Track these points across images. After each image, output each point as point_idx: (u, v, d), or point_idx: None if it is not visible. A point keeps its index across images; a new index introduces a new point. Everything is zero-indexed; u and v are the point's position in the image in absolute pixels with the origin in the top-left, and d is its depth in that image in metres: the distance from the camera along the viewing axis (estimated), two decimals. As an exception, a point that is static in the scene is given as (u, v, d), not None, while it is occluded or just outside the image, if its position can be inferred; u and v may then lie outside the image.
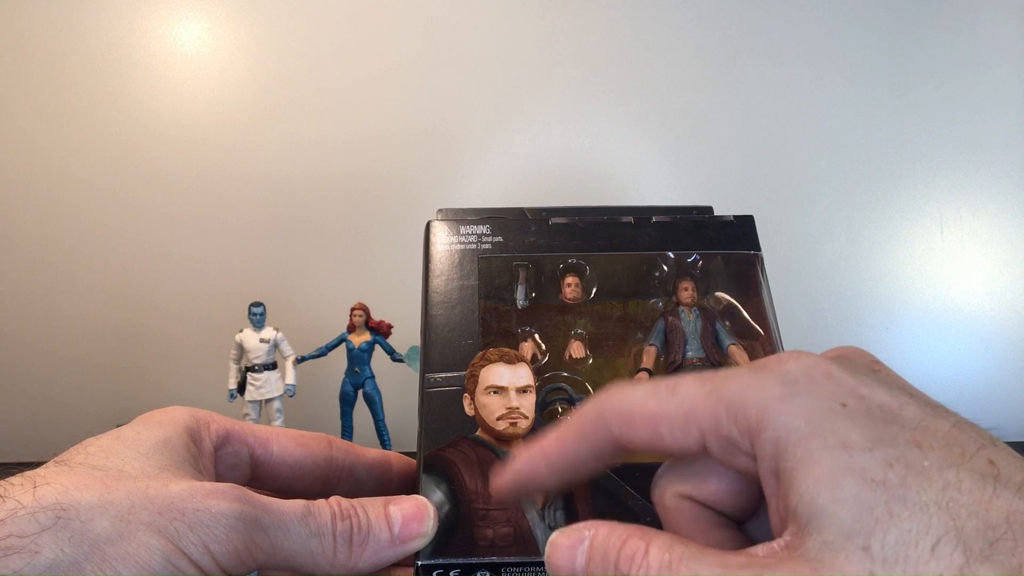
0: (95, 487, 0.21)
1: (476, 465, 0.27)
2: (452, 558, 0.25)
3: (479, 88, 1.00)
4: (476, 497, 0.26)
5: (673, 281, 0.32)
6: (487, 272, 0.32)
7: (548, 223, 0.34)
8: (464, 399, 0.29)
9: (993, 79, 0.99)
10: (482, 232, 0.34)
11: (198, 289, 1.02)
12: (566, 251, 0.33)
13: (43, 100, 1.00)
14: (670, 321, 0.31)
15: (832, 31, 0.99)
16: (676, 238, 0.33)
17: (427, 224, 0.34)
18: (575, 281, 0.32)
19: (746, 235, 0.33)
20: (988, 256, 1.01)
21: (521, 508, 0.26)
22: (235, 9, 0.99)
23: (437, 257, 0.33)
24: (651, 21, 1.00)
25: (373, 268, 1.01)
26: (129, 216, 1.02)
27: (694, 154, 1.00)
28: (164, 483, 0.22)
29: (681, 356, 0.30)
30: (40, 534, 0.20)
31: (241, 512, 0.22)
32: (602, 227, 0.34)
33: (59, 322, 1.03)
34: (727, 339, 0.31)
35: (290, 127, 1.01)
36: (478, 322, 0.31)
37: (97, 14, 0.99)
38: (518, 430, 0.28)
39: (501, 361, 0.30)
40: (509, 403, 0.28)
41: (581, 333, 0.31)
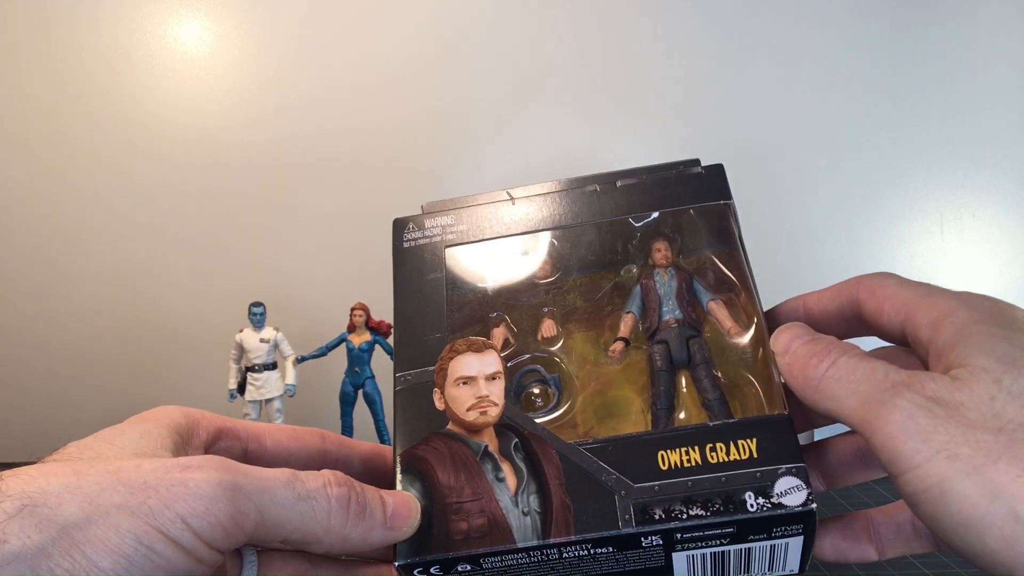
0: (64, 473, 0.21)
1: (448, 459, 0.27)
2: (430, 554, 0.25)
3: (481, 88, 1.00)
4: (449, 491, 0.26)
5: (646, 243, 0.31)
6: (453, 262, 0.32)
7: (512, 202, 0.33)
8: (434, 394, 0.29)
9: (993, 79, 0.99)
10: (446, 223, 0.33)
11: (198, 289, 1.02)
12: (531, 228, 0.33)
13: (43, 100, 1.00)
14: (645, 284, 0.31)
15: (832, 31, 0.99)
16: (643, 199, 0.32)
17: (394, 222, 0.34)
18: (545, 259, 0.32)
19: (716, 186, 0.33)
20: (988, 256, 1.01)
21: (495, 496, 0.26)
22: (235, 9, 0.99)
23: (403, 254, 0.33)
24: (651, 21, 1.00)
25: (373, 268, 1.01)
26: (129, 216, 1.02)
27: (692, 153, 1.00)
28: (137, 463, 0.22)
29: (658, 319, 0.30)
30: (6, 523, 0.19)
31: (221, 480, 0.21)
32: (567, 199, 0.33)
33: (59, 322, 1.03)
34: (706, 295, 0.30)
35: (290, 127, 1.01)
36: (445, 315, 0.31)
37: (97, 14, 0.99)
38: (488, 418, 0.28)
39: (469, 351, 0.30)
40: (478, 392, 0.28)
41: (551, 311, 0.31)
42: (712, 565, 0.26)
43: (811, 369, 0.25)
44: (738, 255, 0.31)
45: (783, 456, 0.25)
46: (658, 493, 0.25)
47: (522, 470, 0.27)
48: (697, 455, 0.26)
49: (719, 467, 0.25)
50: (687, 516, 0.25)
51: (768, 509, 0.24)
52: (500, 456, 0.27)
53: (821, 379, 0.24)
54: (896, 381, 0.22)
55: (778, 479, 0.25)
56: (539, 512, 0.25)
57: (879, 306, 0.26)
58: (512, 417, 0.28)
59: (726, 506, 0.25)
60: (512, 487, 0.26)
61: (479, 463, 0.27)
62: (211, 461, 0.22)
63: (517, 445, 0.27)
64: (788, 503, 0.24)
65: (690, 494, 0.25)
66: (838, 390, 0.24)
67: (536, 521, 0.25)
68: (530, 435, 0.27)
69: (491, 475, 0.26)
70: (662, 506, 0.25)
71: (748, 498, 0.25)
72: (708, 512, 0.25)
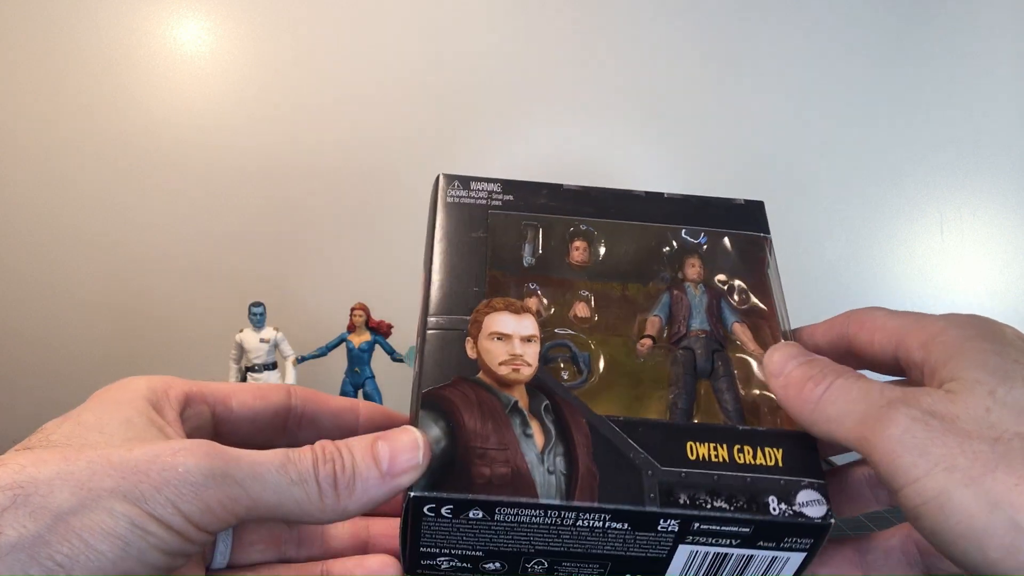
0: (54, 461, 0.21)
1: (476, 406, 0.27)
2: (447, 493, 0.24)
3: (482, 89, 1.00)
4: (474, 436, 0.26)
5: (680, 257, 0.32)
6: (495, 227, 0.32)
7: (561, 188, 0.34)
8: (467, 342, 0.28)
9: (994, 79, 0.99)
10: (492, 190, 0.33)
11: (198, 289, 1.02)
12: (577, 216, 0.33)
13: (42, 99, 1.00)
14: (675, 295, 0.31)
15: (831, 32, 0.99)
16: (686, 213, 0.33)
17: (437, 177, 0.33)
18: (583, 245, 0.32)
19: (755, 219, 0.34)
20: (988, 256, 1.01)
21: (521, 450, 0.26)
22: (235, 9, 0.99)
23: (446, 207, 0.33)
24: (651, 22, 1.00)
25: (373, 268, 1.01)
26: (129, 216, 1.02)
27: (694, 155, 1.00)
28: (128, 448, 0.22)
29: (685, 328, 0.30)
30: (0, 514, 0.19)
31: (210, 468, 0.22)
32: (614, 196, 0.34)
33: (58, 321, 1.03)
34: (731, 316, 0.31)
35: (291, 126, 1.01)
36: (485, 272, 0.31)
37: (96, 14, 0.99)
38: (520, 376, 0.28)
39: (507, 310, 0.29)
40: (512, 350, 0.28)
41: (585, 295, 0.31)
42: (709, 567, 0.26)
43: (808, 392, 0.25)
44: (768, 287, 0.32)
45: (806, 470, 0.26)
46: (684, 479, 0.25)
47: (551, 430, 0.26)
48: (725, 452, 0.26)
49: (745, 468, 0.26)
50: (711, 507, 0.25)
51: (790, 516, 0.25)
52: (530, 413, 0.27)
53: (818, 402, 0.25)
54: (892, 397, 0.23)
55: (800, 490, 0.25)
56: (564, 474, 0.25)
57: (870, 337, 0.26)
58: (545, 380, 0.28)
59: (750, 504, 0.25)
60: (539, 444, 0.26)
61: (508, 416, 0.26)
62: (200, 447, 0.22)
63: (548, 407, 0.27)
64: (809, 513, 0.25)
65: (716, 486, 0.25)
66: (835, 411, 0.24)
67: (561, 482, 0.25)
68: (561, 400, 0.27)
69: (519, 429, 0.26)
70: (687, 492, 0.25)
71: (771, 501, 0.25)
72: (731, 507, 0.25)
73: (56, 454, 0.21)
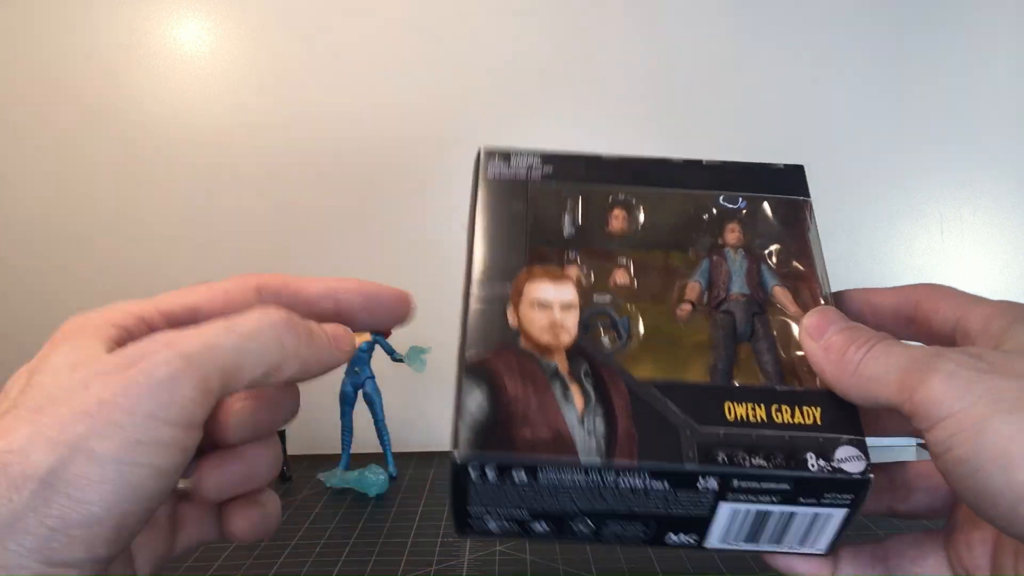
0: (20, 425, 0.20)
1: (517, 372, 0.27)
2: (491, 452, 0.25)
3: (484, 87, 1.00)
4: (516, 401, 0.26)
5: (720, 223, 0.32)
6: (535, 197, 0.33)
7: (600, 159, 0.34)
8: (508, 310, 0.29)
9: (994, 78, 0.99)
10: (532, 163, 0.34)
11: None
12: (615, 184, 0.33)
13: (41, 99, 1.00)
14: (715, 260, 0.31)
15: (831, 31, 0.99)
16: (726, 181, 0.34)
17: (479, 150, 0.35)
18: (622, 214, 0.33)
19: (796, 183, 0.34)
20: (988, 256, 1.01)
21: (561, 413, 0.26)
22: (236, 9, 0.99)
23: (488, 179, 0.33)
24: (652, 22, 1.00)
25: (373, 268, 1.01)
26: (128, 216, 1.02)
27: (694, 153, 1.00)
28: (83, 385, 0.21)
29: (725, 292, 0.31)
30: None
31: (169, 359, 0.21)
32: (652, 164, 0.34)
33: (57, 321, 1.03)
34: (772, 279, 0.31)
35: (291, 126, 1.01)
36: (526, 241, 0.31)
37: (96, 14, 0.99)
38: (561, 342, 0.28)
39: (547, 278, 0.30)
40: (553, 318, 0.29)
41: (625, 263, 0.31)
42: (752, 524, 0.27)
43: (849, 356, 0.25)
44: (809, 251, 0.32)
45: (845, 427, 0.26)
46: (723, 439, 0.26)
47: (590, 394, 0.27)
48: (763, 412, 0.27)
49: (783, 427, 0.26)
50: (749, 464, 0.25)
51: (828, 472, 0.25)
52: (570, 378, 0.27)
53: (859, 364, 0.25)
54: (939, 349, 0.23)
55: (839, 447, 0.26)
56: (604, 435, 0.26)
57: (936, 304, 0.27)
58: (584, 346, 0.28)
59: (788, 461, 0.25)
60: (579, 408, 0.26)
61: (548, 381, 0.27)
62: (149, 346, 0.22)
63: (587, 371, 0.28)
64: (848, 469, 0.25)
65: (754, 444, 0.26)
66: (877, 369, 0.24)
67: (601, 443, 0.26)
68: (600, 365, 0.28)
69: (559, 394, 0.27)
70: (726, 451, 0.25)
71: (810, 458, 0.25)
72: (770, 464, 0.25)
73: (17, 420, 0.20)
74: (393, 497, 0.80)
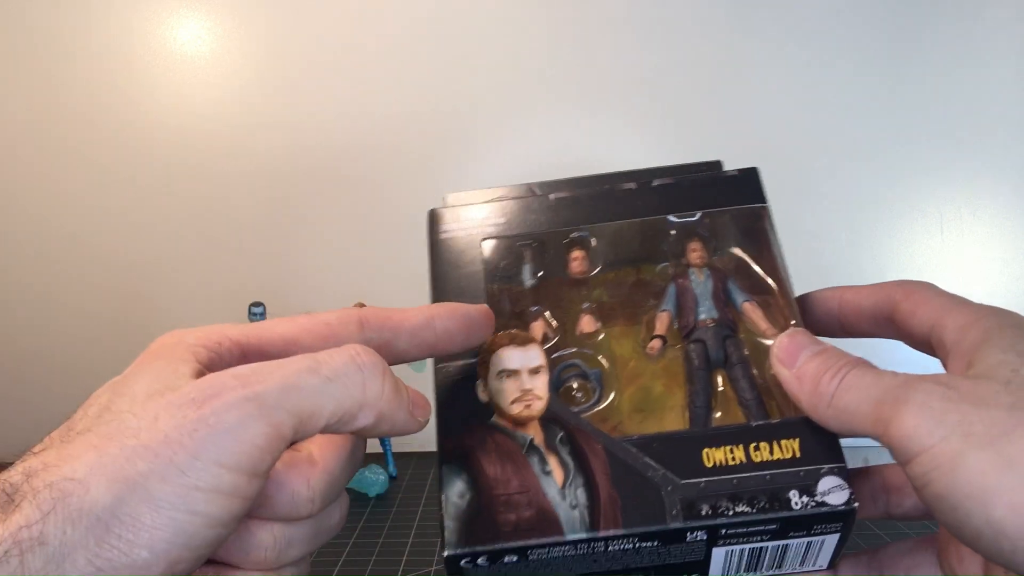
0: (85, 453, 0.19)
1: (494, 452, 0.27)
2: (478, 546, 0.25)
3: (484, 88, 1.00)
4: (496, 483, 0.26)
5: (681, 242, 0.32)
6: (492, 255, 0.32)
7: (549, 199, 0.33)
8: (477, 385, 0.29)
9: (994, 78, 0.99)
10: (484, 216, 0.33)
11: (198, 289, 1.02)
12: (569, 225, 0.33)
13: (40, 99, 1.00)
14: (680, 284, 0.31)
15: (831, 30, 0.99)
16: (680, 199, 0.33)
17: (429, 213, 0.34)
18: (581, 255, 0.32)
19: (751, 189, 0.33)
20: (988, 256, 1.01)
21: (542, 489, 0.26)
22: (236, 9, 0.99)
23: (441, 245, 0.33)
24: (651, 22, 1.00)
25: (373, 268, 1.01)
26: (128, 216, 1.02)
27: (695, 154, 0.99)
28: (154, 417, 0.20)
29: (694, 318, 0.30)
30: (42, 521, 0.18)
31: (241, 401, 0.20)
32: (603, 197, 0.33)
33: (58, 322, 1.03)
34: (740, 296, 0.31)
35: (291, 127, 1.01)
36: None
37: (96, 14, 0.99)
38: (533, 412, 0.28)
39: (512, 344, 0.29)
40: (522, 386, 0.28)
41: (590, 307, 0.31)
42: (748, 560, 0.27)
43: (823, 386, 0.25)
44: (773, 258, 0.31)
45: (825, 456, 0.26)
46: (704, 489, 0.26)
47: (568, 464, 0.27)
48: (741, 453, 0.26)
49: (763, 466, 0.26)
50: (733, 513, 0.25)
51: (812, 507, 0.25)
52: (546, 449, 0.27)
53: (833, 395, 0.24)
54: (909, 377, 0.23)
55: (821, 478, 0.25)
56: (587, 505, 0.26)
57: (913, 308, 0.27)
58: (557, 411, 0.28)
59: (771, 504, 0.25)
60: (559, 480, 0.26)
61: (525, 456, 0.27)
62: (221, 383, 0.21)
63: (563, 438, 0.27)
64: (831, 502, 0.25)
65: (736, 491, 0.25)
66: (851, 399, 0.24)
67: (584, 514, 0.25)
68: (575, 429, 0.27)
69: (538, 468, 0.26)
70: (709, 502, 0.25)
71: (792, 496, 0.25)
72: (754, 509, 0.25)
73: (86, 444, 0.20)
74: (393, 497, 0.80)
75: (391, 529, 0.70)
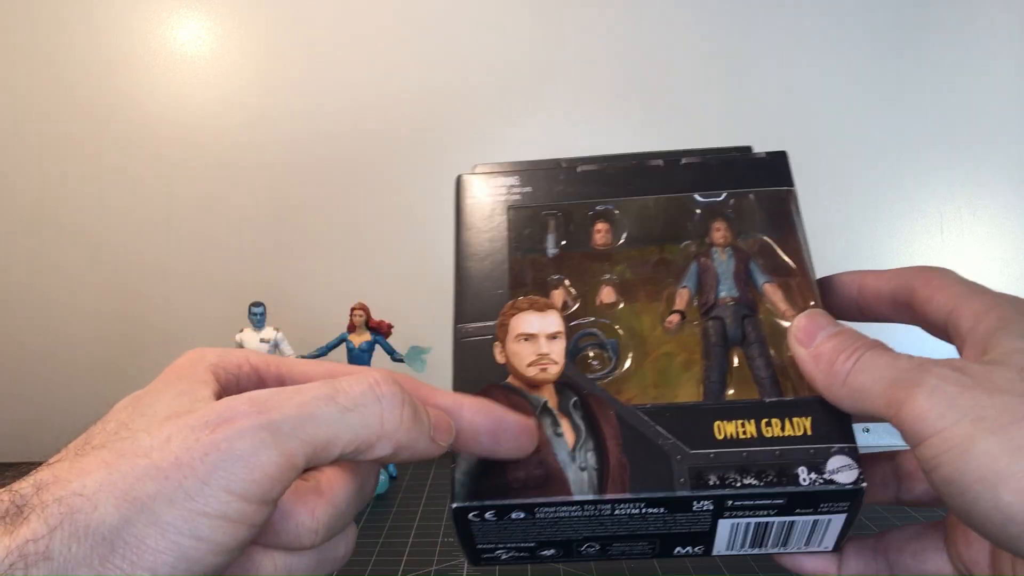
0: (96, 469, 0.19)
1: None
2: (487, 500, 0.25)
3: (485, 86, 1.00)
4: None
5: (706, 222, 0.32)
6: (516, 223, 0.32)
7: (576, 171, 0.34)
8: (495, 347, 0.29)
9: (994, 78, 0.99)
10: (511, 184, 0.34)
11: (198, 289, 1.02)
12: (595, 198, 0.33)
13: (40, 99, 1.00)
14: (702, 262, 0.31)
15: (831, 30, 0.99)
16: (707, 178, 0.33)
17: (457, 178, 0.34)
18: (605, 227, 0.32)
19: (779, 171, 0.33)
20: (988, 256, 1.01)
21: (553, 450, 0.26)
22: (236, 8, 0.99)
23: (467, 210, 0.33)
24: (652, 23, 1.00)
25: (373, 268, 1.01)
26: (128, 216, 1.02)
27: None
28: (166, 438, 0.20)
29: (714, 296, 0.30)
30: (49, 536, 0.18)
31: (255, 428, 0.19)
32: (630, 172, 0.33)
33: (58, 322, 1.03)
34: (761, 277, 0.31)
35: (291, 127, 1.01)
36: (508, 273, 0.31)
37: (96, 14, 0.99)
38: (548, 375, 0.28)
39: (531, 309, 0.30)
40: (539, 350, 0.29)
41: (611, 278, 0.31)
42: (753, 535, 0.27)
43: (838, 366, 0.25)
44: (796, 241, 0.31)
45: (836, 436, 0.26)
46: (713, 460, 0.26)
47: (580, 427, 0.27)
48: (752, 428, 0.26)
49: (773, 441, 0.26)
50: (741, 484, 0.25)
51: (820, 484, 0.25)
52: (559, 412, 0.27)
53: (848, 374, 0.24)
54: (923, 361, 0.23)
55: (831, 457, 0.25)
56: (596, 469, 0.26)
57: (931, 294, 0.27)
58: (572, 376, 0.28)
59: (779, 478, 0.25)
60: (570, 443, 0.26)
61: (538, 417, 0.27)
62: (236, 408, 0.20)
63: (576, 403, 0.28)
64: (840, 480, 0.25)
65: (745, 464, 0.25)
66: (865, 380, 0.24)
67: (593, 477, 0.26)
68: (589, 395, 0.28)
69: (549, 430, 0.27)
70: (717, 473, 0.25)
71: (801, 472, 0.25)
72: (761, 482, 0.25)
73: (98, 460, 0.19)
74: (393, 497, 0.80)
75: (391, 529, 0.70)
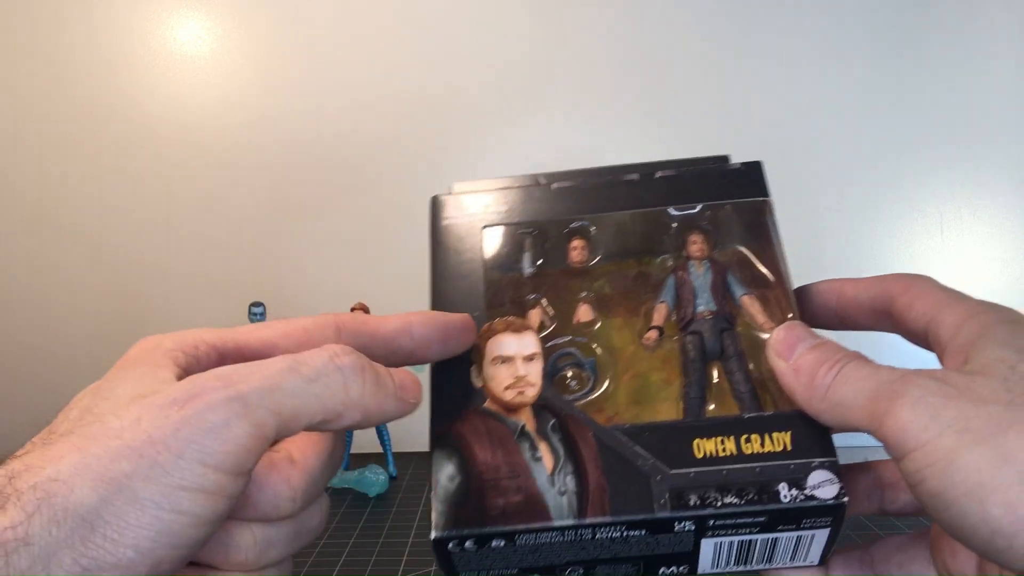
0: (69, 454, 0.19)
1: (485, 437, 0.27)
2: (465, 529, 0.25)
3: (484, 87, 1.00)
4: (486, 468, 0.26)
5: (682, 235, 0.32)
6: (492, 243, 0.32)
7: (551, 188, 0.33)
8: (472, 371, 0.29)
9: (994, 78, 0.99)
10: (486, 203, 0.33)
11: (198, 289, 1.02)
12: (570, 214, 0.33)
13: (40, 99, 1.00)
14: (680, 276, 0.31)
15: (831, 30, 0.99)
16: (682, 191, 0.33)
17: (432, 199, 0.33)
18: (581, 244, 0.32)
19: (754, 182, 0.33)
20: (988, 256, 1.01)
21: (532, 475, 0.26)
22: (236, 8, 0.99)
23: (442, 231, 0.33)
24: (652, 22, 1.00)
25: (373, 268, 1.01)
26: (129, 216, 1.02)
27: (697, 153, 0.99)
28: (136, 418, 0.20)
29: (692, 310, 0.30)
30: (27, 522, 0.18)
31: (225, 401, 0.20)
32: (605, 188, 0.33)
33: (58, 322, 1.03)
34: (739, 290, 0.30)
35: (291, 127, 1.01)
36: (484, 294, 0.31)
37: (96, 14, 0.99)
38: (526, 398, 0.28)
39: (507, 331, 0.29)
40: (516, 372, 0.28)
41: (589, 296, 0.31)
42: (737, 553, 0.27)
43: (819, 379, 0.24)
44: (773, 252, 0.31)
45: (816, 450, 0.26)
46: (693, 480, 0.25)
47: (559, 450, 0.27)
48: (732, 445, 0.26)
49: (753, 458, 0.26)
50: (721, 504, 0.25)
51: (801, 500, 0.25)
52: (537, 435, 0.27)
53: (828, 388, 0.24)
54: (905, 372, 0.22)
55: (811, 472, 0.25)
56: (575, 492, 0.26)
57: (911, 302, 0.26)
58: (550, 398, 0.28)
59: (760, 495, 0.25)
60: (549, 467, 0.26)
61: (516, 442, 0.27)
62: (203, 384, 0.21)
63: (555, 425, 0.27)
64: (821, 495, 0.25)
65: (725, 482, 0.25)
66: (847, 392, 0.24)
67: (572, 501, 0.25)
68: (567, 416, 0.27)
69: (528, 454, 0.27)
70: (697, 492, 0.25)
71: (782, 489, 0.25)
72: (742, 500, 0.25)
73: (70, 445, 0.20)
74: (393, 497, 0.80)
75: (391, 529, 0.70)
